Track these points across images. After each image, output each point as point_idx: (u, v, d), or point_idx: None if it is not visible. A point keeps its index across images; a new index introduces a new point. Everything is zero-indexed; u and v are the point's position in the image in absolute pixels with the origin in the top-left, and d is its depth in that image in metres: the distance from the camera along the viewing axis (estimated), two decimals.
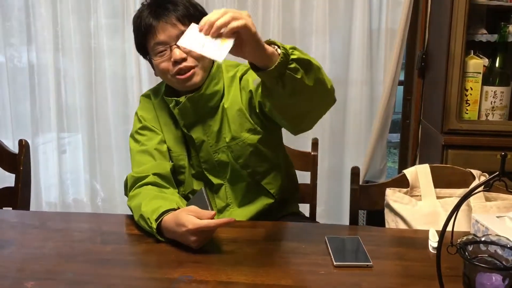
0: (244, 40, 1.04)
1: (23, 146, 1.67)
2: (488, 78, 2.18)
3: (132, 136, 1.48)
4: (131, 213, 1.34)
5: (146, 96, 1.52)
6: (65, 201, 2.85)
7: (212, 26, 1.03)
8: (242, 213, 1.44)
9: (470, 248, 0.86)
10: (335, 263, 1.11)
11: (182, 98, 1.37)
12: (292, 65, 1.08)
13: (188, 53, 1.33)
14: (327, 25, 2.56)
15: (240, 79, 1.42)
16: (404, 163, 2.82)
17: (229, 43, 1.04)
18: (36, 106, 2.75)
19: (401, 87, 2.74)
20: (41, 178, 2.82)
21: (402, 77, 2.70)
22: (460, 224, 1.34)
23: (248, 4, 2.54)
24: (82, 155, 2.83)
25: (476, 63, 2.17)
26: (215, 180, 1.45)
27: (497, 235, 0.88)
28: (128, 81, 2.72)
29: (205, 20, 1.05)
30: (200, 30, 1.05)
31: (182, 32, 1.22)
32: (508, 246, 0.86)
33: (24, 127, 2.77)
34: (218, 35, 1.04)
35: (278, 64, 1.06)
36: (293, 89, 1.11)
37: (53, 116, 2.73)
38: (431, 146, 2.40)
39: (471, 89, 2.18)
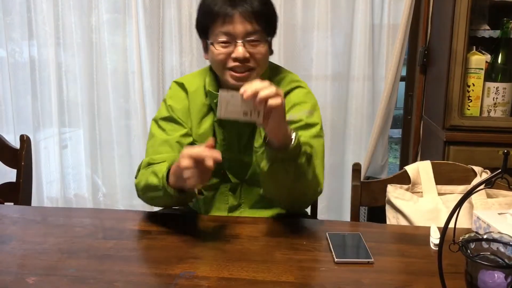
0: (273, 115, 1.09)
1: (25, 141, 1.67)
2: (491, 74, 2.18)
3: (156, 121, 1.43)
4: (132, 209, 1.34)
5: (179, 84, 1.46)
6: (66, 196, 2.85)
7: (255, 95, 1.06)
8: (251, 215, 1.42)
9: (472, 245, 0.86)
10: (336, 259, 1.11)
11: None
12: (303, 153, 1.18)
13: (251, 53, 1.30)
14: (328, 20, 2.55)
15: (285, 95, 1.38)
16: (406, 159, 2.81)
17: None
18: (38, 101, 2.75)
19: (403, 83, 2.73)
20: (43, 173, 2.82)
21: (403, 73, 2.69)
22: (462, 221, 1.34)
23: None
24: (84, 150, 2.83)
25: (478, 59, 2.16)
26: (233, 179, 1.43)
27: (499, 232, 0.88)
28: (130, 76, 2.71)
29: (249, 88, 1.07)
30: (244, 95, 1.08)
31: (254, 30, 1.29)
32: (511, 243, 0.85)
33: (25, 122, 2.77)
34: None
35: (295, 144, 1.15)
36: (295, 175, 1.19)
37: (54, 111, 2.73)
38: (432, 142, 2.39)
39: (473, 85, 2.17)
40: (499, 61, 2.16)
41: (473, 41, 2.18)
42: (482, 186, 0.81)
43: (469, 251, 0.84)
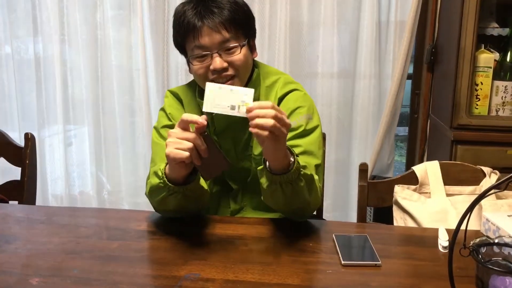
0: (270, 138, 1.07)
1: (29, 139, 1.67)
2: (499, 72, 2.15)
3: (157, 130, 1.42)
4: (137, 207, 1.33)
5: (174, 94, 1.46)
6: (71, 193, 2.84)
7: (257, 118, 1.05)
8: (255, 215, 1.41)
9: (483, 250, 0.85)
10: (343, 262, 1.09)
11: None
12: (302, 176, 1.16)
13: (229, 61, 1.29)
14: (335, 17, 2.52)
15: (280, 100, 1.38)
16: (412, 158, 2.79)
17: None
18: (43, 98, 2.74)
19: (409, 81, 2.71)
20: (47, 171, 2.81)
21: (410, 71, 2.66)
22: (470, 223, 1.31)
23: None
24: (88, 148, 2.82)
25: (487, 58, 2.14)
26: (234, 185, 1.42)
27: (510, 236, 0.87)
28: (134, 74, 2.70)
29: (257, 109, 1.06)
30: (247, 111, 1.07)
31: (226, 39, 1.27)
32: None
33: (30, 119, 2.76)
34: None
35: (294, 170, 1.13)
36: (292, 196, 1.18)
37: (59, 108, 2.72)
38: (439, 141, 2.37)
39: (481, 83, 2.14)
40: (508, 59, 2.14)
41: (482, 39, 2.16)
42: (497, 190, 0.79)
43: (480, 256, 0.83)
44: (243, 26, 1.33)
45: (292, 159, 1.15)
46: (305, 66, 2.59)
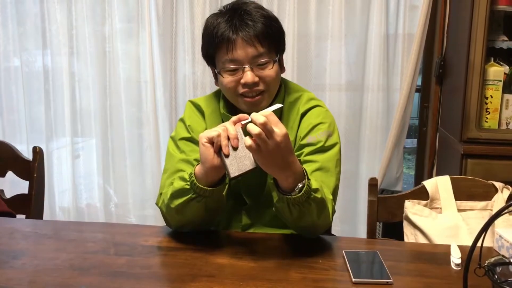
0: (254, 149, 1.07)
1: (37, 153, 1.66)
2: (509, 86, 2.14)
3: (174, 141, 1.39)
4: (144, 219, 1.31)
5: (195, 105, 1.43)
6: (78, 206, 2.84)
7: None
8: (265, 231, 1.39)
9: (498, 269, 0.83)
10: (353, 279, 1.07)
11: None
12: (312, 199, 1.15)
13: (260, 76, 1.28)
14: (342, 30, 2.52)
15: (302, 115, 1.37)
16: (421, 172, 2.77)
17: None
18: (51, 110, 2.76)
19: (418, 94, 2.69)
20: (55, 183, 2.81)
21: (419, 83, 2.65)
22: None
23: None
24: (96, 160, 2.82)
25: (497, 71, 2.12)
26: (248, 200, 1.40)
27: None
28: (142, 86, 2.71)
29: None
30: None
31: (259, 53, 1.27)
32: None
33: (38, 132, 2.77)
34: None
35: (302, 193, 1.12)
36: (299, 216, 1.17)
37: (67, 121, 2.73)
38: (449, 155, 2.35)
39: (491, 97, 2.13)
40: None
41: (491, 52, 2.15)
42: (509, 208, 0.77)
43: (496, 275, 0.81)
44: (276, 41, 1.32)
45: (300, 184, 1.13)
46: (313, 78, 2.59)
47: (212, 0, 2.54)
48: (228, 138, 1.12)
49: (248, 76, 1.26)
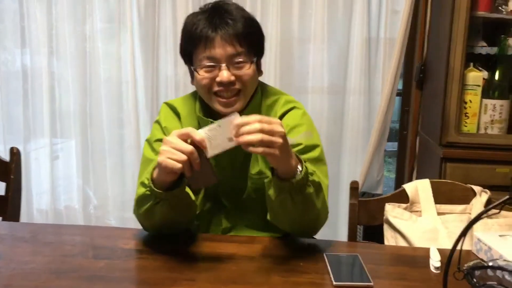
0: (267, 152, 1.06)
1: (14, 154, 1.63)
2: (488, 91, 2.17)
3: (150, 143, 1.38)
4: (124, 221, 1.29)
5: (171, 107, 1.42)
6: (56, 208, 2.80)
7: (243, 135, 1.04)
8: (246, 234, 1.38)
9: (477, 273, 0.84)
10: (334, 283, 1.07)
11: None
12: (311, 182, 1.14)
13: (237, 75, 1.27)
14: (325, 33, 2.54)
15: (280, 118, 1.36)
16: (401, 175, 2.80)
17: None
18: (29, 110, 2.71)
19: (398, 97, 2.72)
20: (33, 185, 2.76)
21: (400, 87, 2.68)
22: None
23: (246, 9, 2.50)
24: (75, 161, 2.78)
25: (476, 76, 2.15)
26: (227, 204, 1.39)
27: (505, 260, 0.86)
28: (123, 86, 2.68)
29: (242, 128, 1.05)
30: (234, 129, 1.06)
31: (237, 52, 1.25)
32: None
33: (16, 132, 2.72)
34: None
35: (302, 177, 1.11)
36: (303, 205, 1.16)
37: (46, 121, 2.69)
38: (429, 159, 2.38)
39: (470, 101, 2.16)
40: (496, 78, 2.16)
41: (470, 57, 2.18)
42: (490, 211, 0.78)
43: (474, 279, 0.82)
44: (255, 42, 1.31)
45: (299, 167, 1.13)
46: (295, 80, 2.60)
47: (195, 1, 2.53)
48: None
49: (224, 74, 1.25)
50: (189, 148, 1.07)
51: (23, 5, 2.61)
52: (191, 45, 1.29)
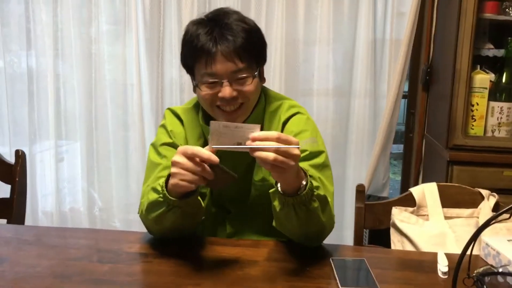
0: (275, 170, 1.05)
1: (20, 156, 1.63)
2: (495, 93, 2.15)
3: (155, 147, 1.37)
4: (129, 224, 1.28)
5: (174, 113, 1.41)
6: (61, 210, 2.80)
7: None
8: (251, 238, 1.38)
9: (487, 279, 0.82)
10: (340, 287, 1.06)
11: None
12: (316, 197, 1.13)
13: (239, 90, 1.26)
14: (330, 35, 2.53)
15: (284, 124, 1.35)
16: (407, 178, 2.78)
17: None
18: (35, 112, 2.71)
19: (404, 100, 2.71)
20: (38, 187, 2.77)
21: (405, 89, 2.66)
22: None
23: (251, 12, 2.51)
24: (80, 163, 2.78)
25: (483, 78, 2.14)
26: (232, 208, 1.39)
27: None
28: (128, 88, 2.68)
29: (258, 141, 1.03)
30: (252, 140, 1.04)
31: (238, 68, 1.24)
32: None
33: (21, 134, 2.72)
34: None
35: (306, 193, 1.10)
36: (307, 219, 1.14)
37: (51, 123, 2.69)
38: (435, 161, 2.36)
39: (477, 104, 2.14)
40: (504, 80, 2.14)
41: (477, 59, 2.16)
42: (504, 216, 0.77)
43: (484, 285, 0.80)
44: (256, 54, 1.29)
45: (304, 182, 1.12)
46: (301, 83, 2.59)
47: (200, 3, 2.53)
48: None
49: (227, 91, 1.24)
50: (199, 168, 1.06)
51: (28, 8, 2.61)
52: (192, 59, 1.28)
